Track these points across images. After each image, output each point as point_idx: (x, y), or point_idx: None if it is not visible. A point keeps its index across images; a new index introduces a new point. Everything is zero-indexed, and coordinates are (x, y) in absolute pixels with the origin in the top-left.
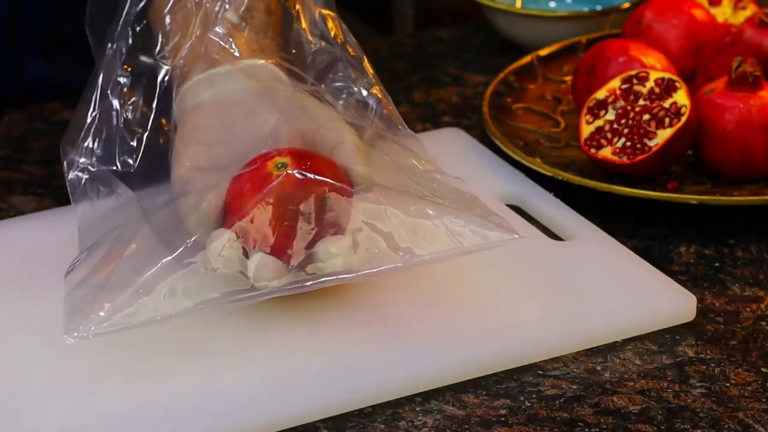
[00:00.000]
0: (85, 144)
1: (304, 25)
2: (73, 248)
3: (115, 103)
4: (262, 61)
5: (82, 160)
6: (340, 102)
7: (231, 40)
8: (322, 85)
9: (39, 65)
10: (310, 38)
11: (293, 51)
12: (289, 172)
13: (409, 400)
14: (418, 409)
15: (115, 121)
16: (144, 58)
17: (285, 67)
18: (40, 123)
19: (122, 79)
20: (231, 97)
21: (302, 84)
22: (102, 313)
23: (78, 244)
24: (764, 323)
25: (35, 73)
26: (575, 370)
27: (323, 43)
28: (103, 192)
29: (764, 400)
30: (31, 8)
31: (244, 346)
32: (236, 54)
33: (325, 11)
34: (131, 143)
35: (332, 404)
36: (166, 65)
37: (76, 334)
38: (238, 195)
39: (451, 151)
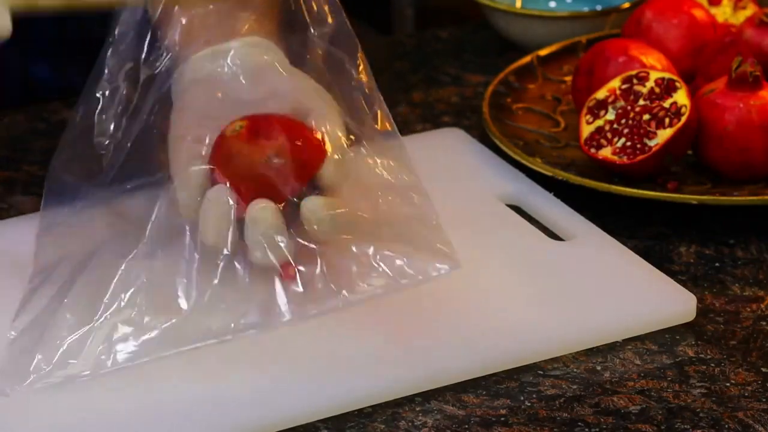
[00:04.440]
0: (70, 153)
1: (305, 18)
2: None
3: (106, 107)
4: (262, 39)
5: (59, 168)
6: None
7: (231, 21)
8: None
9: (45, 69)
10: (312, 29)
11: (293, 43)
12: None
13: (409, 400)
14: (418, 409)
15: (101, 128)
16: (138, 62)
17: (285, 46)
18: (40, 123)
19: (112, 84)
20: (227, 73)
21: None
22: (43, 365)
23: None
24: (764, 323)
25: (41, 76)
26: (575, 370)
27: (321, 36)
28: (75, 202)
29: (764, 400)
30: (40, 13)
31: (243, 346)
32: (237, 29)
33: (328, 5)
34: (113, 148)
35: (332, 404)
36: (163, 60)
37: (10, 390)
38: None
39: (450, 151)
